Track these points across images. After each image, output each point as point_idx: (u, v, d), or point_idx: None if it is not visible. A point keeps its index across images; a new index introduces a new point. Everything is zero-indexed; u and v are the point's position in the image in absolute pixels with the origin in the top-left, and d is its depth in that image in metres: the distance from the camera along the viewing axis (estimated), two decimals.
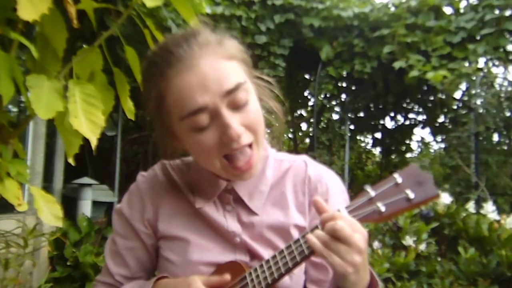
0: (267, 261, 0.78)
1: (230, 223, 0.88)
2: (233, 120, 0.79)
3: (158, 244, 0.93)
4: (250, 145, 0.82)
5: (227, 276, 0.81)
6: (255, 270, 0.79)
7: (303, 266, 0.89)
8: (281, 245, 0.86)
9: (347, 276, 0.70)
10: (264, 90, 0.93)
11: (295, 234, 0.88)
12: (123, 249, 0.94)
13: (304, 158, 0.97)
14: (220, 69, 0.80)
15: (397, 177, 0.75)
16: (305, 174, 0.93)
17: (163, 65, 0.81)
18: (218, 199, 0.91)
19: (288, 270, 0.75)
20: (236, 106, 0.80)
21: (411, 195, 0.73)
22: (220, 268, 0.84)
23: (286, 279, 0.81)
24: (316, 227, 0.74)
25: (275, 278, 0.76)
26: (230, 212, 0.90)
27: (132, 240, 0.93)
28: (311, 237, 0.71)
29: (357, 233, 0.70)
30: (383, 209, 0.73)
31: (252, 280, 0.79)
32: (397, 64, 4.53)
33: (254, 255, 0.87)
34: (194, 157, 0.90)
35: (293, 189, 0.92)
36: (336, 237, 0.69)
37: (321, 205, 0.75)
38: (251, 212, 0.89)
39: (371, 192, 0.75)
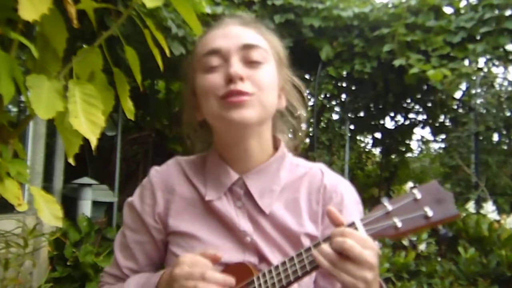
0: (276, 267, 0.77)
1: (242, 222, 0.88)
2: (238, 65, 0.84)
3: (167, 239, 0.93)
4: (251, 96, 0.84)
5: (220, 255, 0.80)
6: (264, 275, 0.78)
7: (313, 274, 0.87)
8: (291, 252, 0.85)
9: None
10: (294, 93, 0.96)
11: (306, 243, 0.87)
12: (132, 242, 0.94)
13: (320, 166, 0.96)
14: (246, 32, 0.89)
15: (416, 193, 0.72)
16: (320, 182, 0.92)
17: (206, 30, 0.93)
18: (229, 193, 0.90)
19: (297, 279, 0.75)
20: (248, 62, 0.85)
21: (430, 213, 0.70)
22: (228, 268, 0.83)
23: (294, 286, 0.80)
24: (328, 238, 0.72)
25: (283, 285, 0.75)
26: (241, 209, 0.89)
27: (142, 234, 0.93)
28: (318, 255, 0.70)
29: (367, 249, 0.68)
30: (399, 225, 0.71)
31: (260, 284, 0.78)
32: (397, 62, 4.51)
33: (262, 258, 0.87)
34: (202, 104, 0.90)
35: (307, 197, 0.91)
36: (345, 255, 0.68)
37: (335, 216, 0.74)
38: (260, 210, 0.88)
39: (388, 206, 0.72)
